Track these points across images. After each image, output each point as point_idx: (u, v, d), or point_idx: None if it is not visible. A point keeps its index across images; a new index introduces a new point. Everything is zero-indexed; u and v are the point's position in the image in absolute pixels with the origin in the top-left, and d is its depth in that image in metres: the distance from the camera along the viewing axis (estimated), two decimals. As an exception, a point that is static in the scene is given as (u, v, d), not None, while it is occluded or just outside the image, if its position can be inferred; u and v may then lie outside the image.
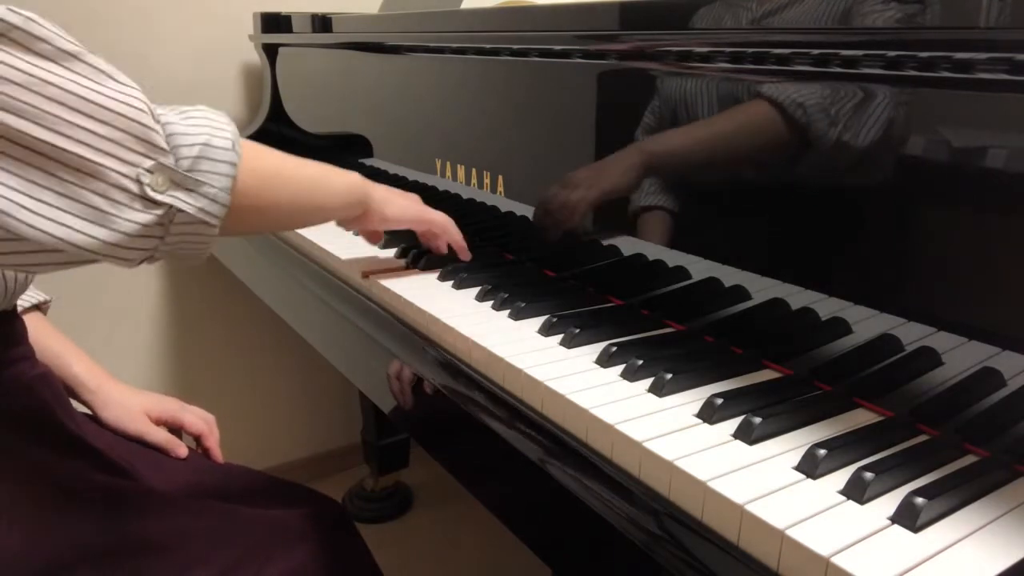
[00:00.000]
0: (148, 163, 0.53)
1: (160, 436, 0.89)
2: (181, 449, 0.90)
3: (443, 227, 0.89)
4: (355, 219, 0.83)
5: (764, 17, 0.62)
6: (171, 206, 0.55)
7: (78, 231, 0.51)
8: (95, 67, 0.53)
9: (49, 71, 0.50)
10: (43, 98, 0.50)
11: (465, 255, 0.91)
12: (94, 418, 0.86)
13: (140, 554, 0.69)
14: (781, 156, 0.63)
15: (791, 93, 0.60)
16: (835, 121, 0.57)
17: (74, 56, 0.52)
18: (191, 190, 0.56)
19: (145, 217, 0.54)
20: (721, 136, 0.67)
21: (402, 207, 0.85)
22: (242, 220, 0.62)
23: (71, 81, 0.51)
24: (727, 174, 0.69)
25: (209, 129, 0.57)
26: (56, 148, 0.50)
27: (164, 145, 0.54)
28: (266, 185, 0.65)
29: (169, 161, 0.54)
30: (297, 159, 0.71)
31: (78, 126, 0.51)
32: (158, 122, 0.54)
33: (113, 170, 0.52)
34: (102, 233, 0.52)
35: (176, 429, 0.93)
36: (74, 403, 0.81)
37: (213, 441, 0.96)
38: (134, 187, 0.53)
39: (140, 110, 0.53)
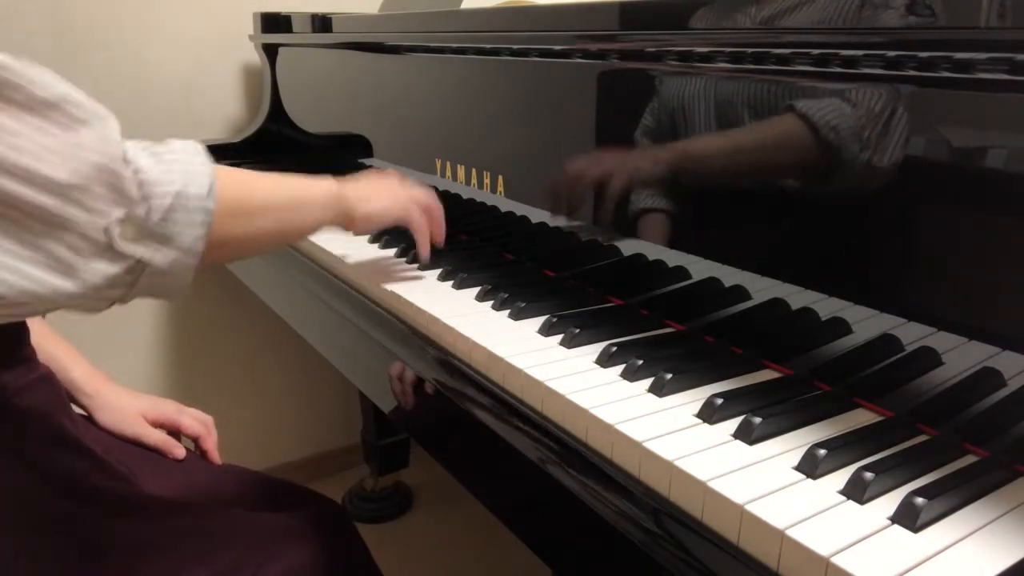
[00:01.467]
0: (118, 213, 0.52)
1: (157, 438, 0.89)
2: (179, 451, 0.90)
3: (420, 228, 0.86)
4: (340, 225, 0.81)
5: (764, 18, 0.62)
6: (140, 258, 0.53)
7: (42, 283, 0.50)
8: (72, 115, 0.51)
9: (21, 121, 0.49)
10: (10, 149, 0.48)
11: (439, 240, 0.89)
12: (92, 421, 0.86)
13: (138, 555, 0.69)
14: (796, 166, 0.63)
15: (827, 114, 0.59)
16: (857, 136, 0.57)
17: (51, 104, 0.51)
18: (163, 242, 0.54)
19: (112, 269, 0.52)
20: (754, 145, 0.66)
21: (384, 207, 0.83)
22: (219, 257, 0.61)
23: (41, 131, 0.50)
24: (739, 178, 0.69)
25: (184, 175, 0.55)
26: (20, 199, 0.48)
27: (135, 194, 0.52)
28: (244, 221, 0.64)
29: (140, 212, 0.53)
30: (271, 181, 0.70)
31: (45, 175, 0.49)
32: (130, 167, 0.53)
33: (80, 221, 0.50)
34: (67, 285, 0.51)
35: (174, 432, 0.93)
36: (73, 406, 0.81)
37: (211, 443, 0.96)
38: (102, 238, 0.51)
39: (113, 156, 0.52)
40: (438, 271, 0.90)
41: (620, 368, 0.64)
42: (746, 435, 0.54)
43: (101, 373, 0.90)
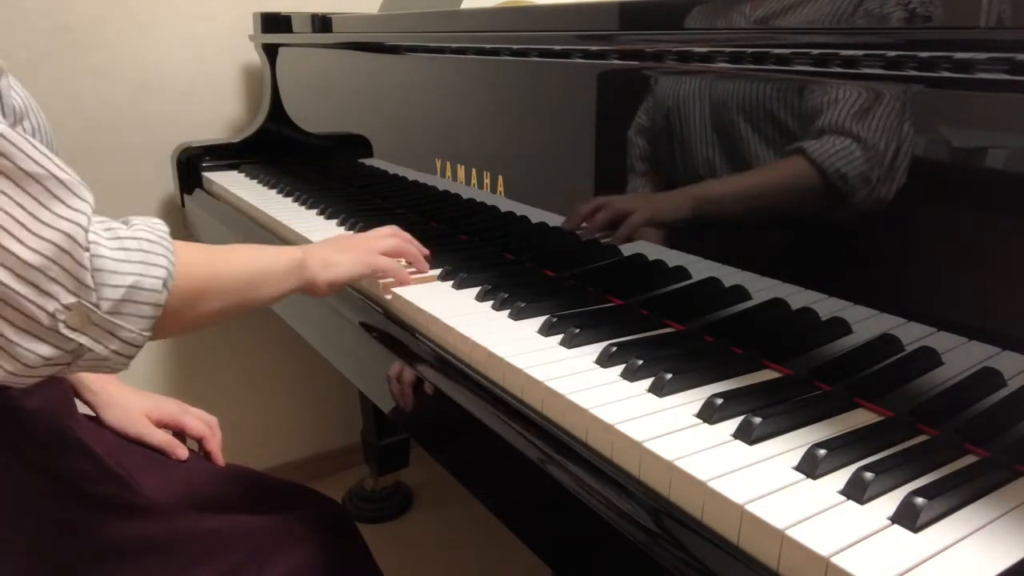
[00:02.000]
0: (68, 299, 0.51)
1: (160, 438, 0.89)
2: (181, 451, 0.90)
3: (393, 269, 0.86)
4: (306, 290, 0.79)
5: (764, 18, 0.62)
6: (82, 344, 0.53)
7: None
8: (49, 190, 0.51)
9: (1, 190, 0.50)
10: None
11: (423, 267, 0.89)
12: (96, 420, 0.86)
13: (141, 558, 0.69)
14: (806, 199, 0.63)
15: (834, 159, 0.59)
16: (862, 150, 0.57)
17: (32, 177, 0.51)
18: (107, 333, 0.54)
19: (51, 351, 0.52)
20: (763, 191, 0.66)
21: (347, 271, 0.81)
22: (171, 334, 0.61)
23: (15, 204, 0.50)
24: (747, 200, 0.69)
25: (142, 266, 0.55)
26: None
27: (89, 283, 0.52)
28: (200, 304, 0.63)
29: (90, 301, 0.52)
30: (234, 260, 0.69)
31: (10, 251, 0.49)
32: (89, 252, 0.52)
33: (29, 300, 0.50)
34: (2, 364, 0.51)
35: (178, 432, 0.93)
36: (78, 403, 0.81)
37: (215, 444, 0.96)
38: (46, 320, 0.51)
39: (76, 240, 0.51)
40: (438, 271, 0.90)
41: (620, 368, 0.64)
42: (746, 435, 0.54)
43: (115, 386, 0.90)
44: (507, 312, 0.77)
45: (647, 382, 0.62)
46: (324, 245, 0.83)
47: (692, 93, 0.70)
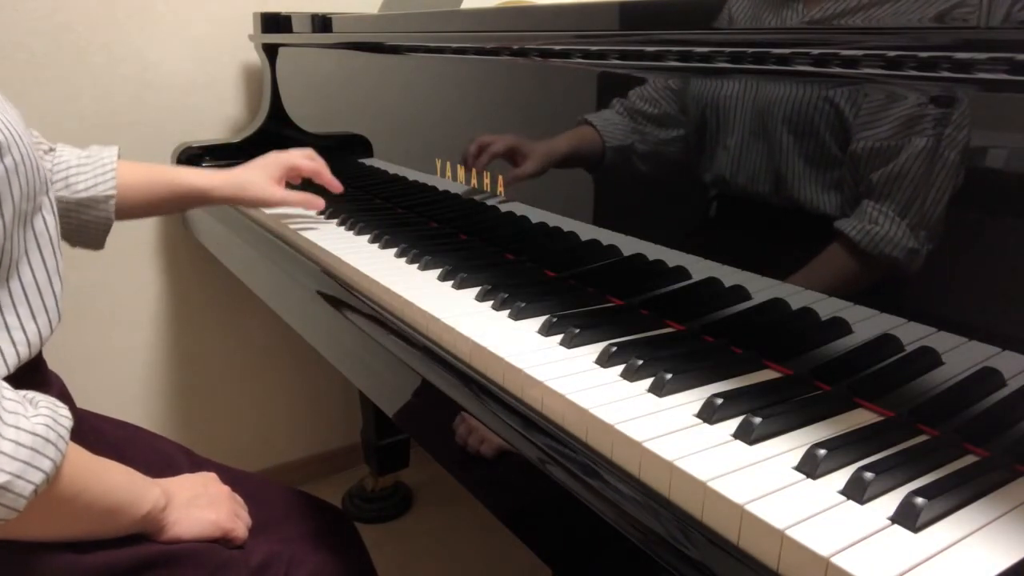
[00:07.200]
0: None
1: (299, 198, 1.08)
2: (319, 202, 1.10)
3: (239, 537, 0.76)
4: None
5: (762, 17, 0.62)
6: None
7: None
8: None
9: None
10: None
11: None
12: (97, 424, 0.86)
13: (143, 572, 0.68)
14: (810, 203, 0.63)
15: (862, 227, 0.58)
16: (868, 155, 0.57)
17: None
18: None
19: None
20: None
21: (197, 529, 0.73)
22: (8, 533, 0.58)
23: None
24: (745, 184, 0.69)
25: (21, 469, 0.54)
26: None
27: None
28: (53, 517, 0.61)
29: None
30: (107, 476, 0.66)
31: None
32: None
33: None
34: None
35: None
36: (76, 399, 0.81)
37: (327, 174, 1.13)
38: None
39: None
40: (438, 271, 0.90)
41: (620, 368, 0.64)
42: (746, 435, 0.54)
43: (209, 170, 1.05)
44: (507, 312, 0.77)
45: (647, 382, 0.62)
46: (192, 494, 0.75)
47: (692, 93, 0.70)
